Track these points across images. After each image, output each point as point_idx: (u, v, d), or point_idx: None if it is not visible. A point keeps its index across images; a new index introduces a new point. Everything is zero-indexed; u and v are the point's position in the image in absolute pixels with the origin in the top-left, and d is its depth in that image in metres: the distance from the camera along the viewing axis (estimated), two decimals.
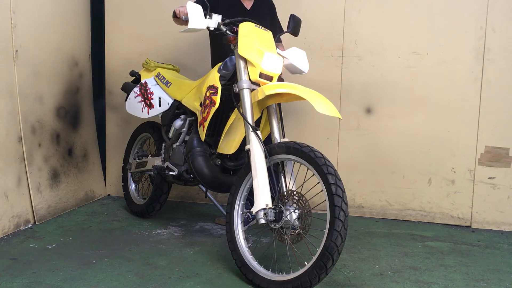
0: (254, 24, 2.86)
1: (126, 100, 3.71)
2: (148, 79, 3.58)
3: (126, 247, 3.17)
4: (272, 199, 2.60)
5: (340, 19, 3.86)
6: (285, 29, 3.21)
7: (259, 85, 2.78)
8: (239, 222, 2.79)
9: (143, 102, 3.54)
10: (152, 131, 3.76)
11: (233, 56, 2.89)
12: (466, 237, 3.55)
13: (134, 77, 3.77)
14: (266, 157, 2.65)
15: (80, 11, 4.11)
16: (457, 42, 3.68)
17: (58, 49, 3.82)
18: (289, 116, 3.85)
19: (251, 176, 2.66)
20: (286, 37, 3.42)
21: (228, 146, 2.97)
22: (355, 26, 3.84)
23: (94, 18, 4.34)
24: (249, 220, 2.99)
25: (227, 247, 2.85)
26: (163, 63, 3.71)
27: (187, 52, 4.12)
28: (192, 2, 2.87)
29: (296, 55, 3.04)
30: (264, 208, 2.56)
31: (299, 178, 2.74)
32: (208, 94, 2.92)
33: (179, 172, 3.22)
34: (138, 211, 3.81)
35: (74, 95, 4.03)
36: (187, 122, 3.30)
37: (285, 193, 2.64)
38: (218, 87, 2.86)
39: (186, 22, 2.83)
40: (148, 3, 4.19)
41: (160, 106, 3.46)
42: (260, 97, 2.69)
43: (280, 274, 2.58)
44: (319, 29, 3.87)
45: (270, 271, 2.63)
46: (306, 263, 2.48)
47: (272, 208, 2.58)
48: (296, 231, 2.58)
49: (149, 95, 3.51)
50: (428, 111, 3.77)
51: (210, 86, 2.92)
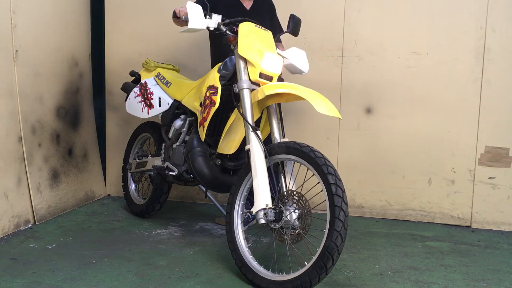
0: (254, 24, 2.86)
1: (126, 100, 3.71)
2: (148, 79, 3.58)
3: (126, 247, 3.17)
4: (272, 199, 2.60)
5: (340, 19, 3.86)
6: (285, 29, 3.21)
7: (259, 85, 2.78)
8: (239, 222, 2.79)
9: (143, 102, 3.54)
10: (152, 131, 3.76)
11: (233, 56, 2.89)
12: (466, 237, 3.55)
13: (134, 77, 3.77)
14: (266, 157, 2.65)
15: (80, 11, 4.11)
16: (457, 42, 3.68)
17: (58, 49, 3.82)
18: (289, 116, 3.85)
19: (251, 176, 2.66)
20: (286, 37, 3.42)
21: (228, 146, 2.97)
22: (355, 26, 3.84)
23: (94, 18, 4.34)
24: (249, 220, 2.99)
25: (227, 247, 2.85)
26: (163, 63, 3.71)
27: (187, 52, 4.12)
28: (192, 2, 2.87)
29: (296, 55, 3.04)
30: (264, 208, 2.56)
31: (299, 178, 2.74)
32: (208, 94, 2.92)
33: (179, 172, 3.22)
34: (138, 211, 3.81)
35: (74, 95, 4.03)
36: (187, 122, 3.30)
37: (285, 193, 2.64)
38: (218, 87, 2.86)
39: (186, 22, 2.83)
40: (148, 3, 4.19)
41: (160, 106, 3.46)
42: (260, 97, 2.69)
43: (280, 274, 2.58)
44: (319, 29, 3.87)
45: (270, 271, 2.63)
46: (306, 263, 2.48)
47: (272, 208, 2.58)
48: (296, 231, 2.58)
49: (149, 95, 3.51)
50: (428, 111, 3.77)
51: (210, 86, 2.92)
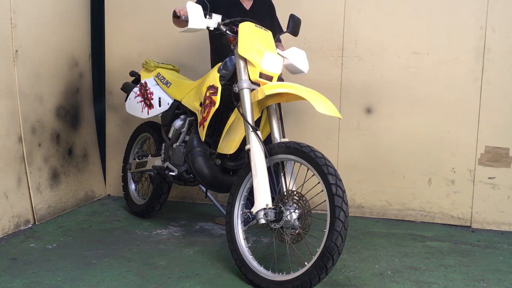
0: (254, 24, 2.86)
1: (126, 100, 3.71)
2: (148, 79, 3.58)
3: (126, 247, 3.17)
4: (272, 199, 2.60)
5: (340, 19, 3.86)
6: (285, 29, 3.21)
7: (259, 85, 2.77)
8: (239, 222, 2.79)
9: (143, 102, 3.54)
10: (152, 131, 3.76)
11: (233, 56, 2.88)
12: (466, 237, 3.55)
13: (134, 77, 3.77)
14: (266, 157, 2.65)
15: (80, 11, 4.11)
16: (457, 42, 3.68)
17: (58, 49, 3.82)
18: (289, 116, 3.85)
19: (251, 176, 2.66)
20: (286, 37, 3.42)
21: (228, 146, 2.97)
22: (355, 26, 3.84)
23: (94, 18, 4.34)
24: (249, 220, 2.99)
25: (227, 247, 2.85)
26: (163, 63, 3.71)
27: (187, 52, 4.12)
28: (192, 2, 2.87)
29: (296, 55, 3.04)
30: (264, 208, 2.56)
31: (299, 178, 2.74)
32: (208, 94, 2.92)
33: (179, 172, 3.22)
34: (138, 211, 3.81)
35: (74, 95, 4.03)
36: (187, 122, 3.30)
37: (285, 193, 2.64)
38: (218, 87, 2.86)
39: (186, 22, 2.83)
40: (148, 3, 4.19)
41: (160, 106, 3.46)
42: (260, 97, 2.69)
43: (280, 274, 2.58)
44: (319, 29, 3.87)
45: (270, 271, 2.63)
46: (306, 263, 2.48)
47: (272, 208, 2.58)
48: (296, 231, 2.57)
49: (149, 95, 3.51)
50: (428, 111, 3.77)
51: (210, 86, 2.92)
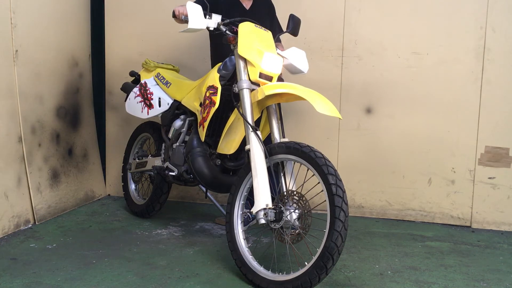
0: (253, 24, 2.86)
1: (126, 100, 3.71)
2: (147, 79, 3.58)
3: (126, 247, 3.17)
4: (272, 199, 2.60)
5: (340, 19, 3.86)
6: (284, 29, 3.21)
7: (259, 85, 2.77)
8: (239, 222, 2.79)
9: (143, 103, 3.54)
10: (152, 131, 3.76)
11: (232, 56, 2.88)
12: (466, 237, 3.55)
13: (134, 77, 3.77)
14: (266, 157, 2.65)
15: (80, 11, 4.11)
16: (457, 42, 3.68)
17: (58, 49, 3.82)
18: (289, 116, 3.85)
19: (251, 176, 2.66)
20: (286, 37, 3.41)
21: (228, 146, 2.97)
22: (355, 26, 3.84)
23: (94, 18, 4.34)
24: (249, 220, 2.99)
25: (227, 247, 2.85)
26: (163, 63, 3.70)
27: (187, 52, 4.12)
28: (192, 2, 2.87)
29: (296, 55, 3.04)
30: (264, 208, 2.56)
31: (299, 178, 2.74)
32: (208, 94, 2.92)
33: (179, 173, 3.22)
34: (138, 211, 3.81)
35: (74, 95, 4.03)
36: (187, 122, 3.30)
37: (285, 193, 2.64)
38: (217, 87, 2.86)
39: (186, 21, 2.84)
40: (148, 3, 4.19)
41: (160, 106, 3.46)
42: (260, 97, 2.69)
43: (280, 274, 2.58)
44: (319, 29, 3.87)
45: (270, 271, 2.63)
46: (306, 263, 2.48)
47: (272, 208, 2.58)
48: (296, 231, 2.57)
49: (148, 95, 3.51)
50: (428, 111, 3.77)
51: (209, 86, 2.92)
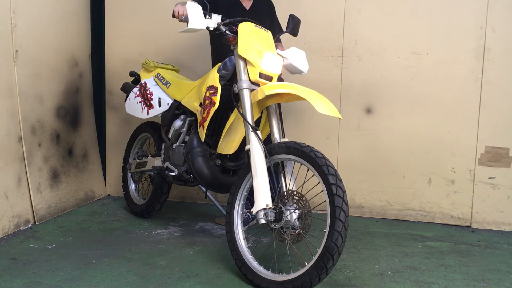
0: (253, 24, 2.86)
1: (125, 101, 3.71)
2: (147, 79, 3.58)
3: (126, 247, 3.17)
4: (272, 199, 2.60)
5: (340, 19, 3.86)
6: (284, 29, 3.21)
7: (259, 85, 2.77)
8: (239, 222, 2.79)
9: (142, 103, 3.54)
10: (152, 131, 3.76)
11: (232, 56, 2.88)
12: (466, 237, 3.55)
13: (134, 77, 3.77)
14: (266, 157, 2.65)
15: (80, 11, 4.11)
16: (457, 42, 3.68)
17: (58, 49, 3.82)
18: (289, 116, 3.85)
19: (251, 176, 2.66)
20: (286, 37, 3.41)
21: (228, 146, 2.97)
22: (355, 26, 3.84)
23: (94, 18, 4.34)
24: (249, 220, 2.99)
25: (227, 247, 2.85)
26: (163, 63, 3.70)
27: (187, 52, 4.12)
28: (192, 2, 2.87)
29: (296, 55, 3.03)
30: (265, 208, 2.56)
31: (299, 178, 2.73)
32: (207, 94, 2.92)
33: (179, 173, 3.21)
34: (138, 211, 3.81)
35: (74, 95, 4.03)
36: (187, 122, 3.30)
37: (285, 193, 2.64)
38: (217, 88, 2.86)
39: (186, 21, 2.84)
40: (148, 3, 4.19)
41: (159, 106, 3.46)
42: (260, 97, 2.69)
43: (280, 274, 2.58)
44: (319, 29, 3.87)
45: (270, 271, 2.63)
46: (306, 263, 2.48)
47: (272, 208, 2.58)
48: (296, 231, 2.58)
49: (148, 96, 3.51)
50: (428, 111, 3.77)
51: (209, 86, 2.92)
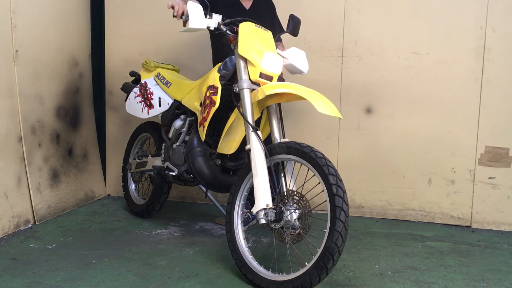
0: (254, 24, 2.86)
1: (126, 100, 3.71)
2: (148, 79, 3.58)
3: (126, 247, 3.17)
4: (273, 199, 2.60)
5: (340, 19, 3.86)
6: (285, 29, 3.21)
7: (259, 85, 2.77)
8: (239, 222, 2.79)
9: (143, 103, 3.54)
10: (152, 131, 3.76)
11: (233, 56, 2.88)
12: (466, 237, 3.55)
13: (134, 77, 3.77)
14: (266, 157, 2.65)
15: (80, 11, 4.11)
16: (457, 42, 3.68)
17: (58, 49, 3.82)
18: (289, 116, 3.85)
19: (251, 176, 2.66)
20: (286, 37, 3.41)
21: (228, 146, 2.97)
22: (355, 26, 3.84)
23: (94, 18, 4.34)
24: (249, 220, 2.99)
25: (227, 247, 2.85)
26: (163, 63, 3.70)
27: (187, 52, 4.12)
28: (193, 1, 2.87)
29: (296, 55, 3.03)
30: (265, 208, 2.56)
31: (300, 178, 2.73)
32: (208, 94, 2.92)
33: (179, 172, 3.22)
34: (138, 211, 3.81)
35: (74, 95, 4.03)
36: (187, 122, 3.30)
37: (285, 193, 2.64)
38: (218, 87, 2.86)
39: (186, 21, 2.85)
40: (148, 3, 4.19)
41: (160, 106, 3.46)
42: (260, 97, 2.69)
43: (280, 274, 2.58)
44: (319, 29, 3.87)
45: (270, 271, 2.63)
46: (306, 263, 2.48)
47: (273, 208, 2.58)
48: (297, 231, 2.58)
49: (149, 95, 3.51)
50: (428, 111, 3.77)
51: (210, 86, 2.92)
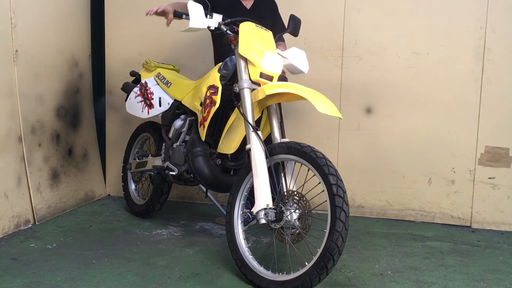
0: (254, 24, 2.86)
1: (126, 100, 3.71)
2: (148, 79, 3.58)
3: (126, 247, 3.17)
4: (273, 199, 2.60)
5: (340, 19, 3.86)
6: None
7: (259, 85, 2.78)
8: (239, 222, 2.79)
9: (143, 102, 3.54)
10: (152, 131, 3.76)
11: (233, 56, 2.88)
12: (466, 237, 3.55)
13: (134, 77, 3.77)
14: (266, 157, 2.65)
15: (80, 11, 4.11)
16: (457, 42, 3.68)
17: (58, 49, 3.82)
18: (289, 116, 3.85)
19: (252, 176, 2.66)
20: (286, 37, 3.41)
21: (228, 146, 2.97)
22: (355, 26, 3.84)
23: (94, 18, 4.34)
24: (249, 220, 2.99)
25: (227, 247, 2.85)
26: (163, 63, 3.70)
27: (187, 52, 4.12)
28: (193, 1, 2.87)
29: (296, 55, 3.03)
30: (265, 208, 2.56)
31: (300, 178, 2.73)
32: (208, 94, 2.92)
33: (179, 172, 3.22)
34: (138, 211, 3.81)
35: (74, 95, 4.03)
36: (187, 122, 3.30)
37: (285, 193, 2.64)
38: (218, 87, 2.86)
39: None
40: (148, 3, 4.16)
41: (160, 106, 3.46)
42: (260, 97, 2.69)
43: (280, 274, 2.58)
44: (319, 29, 3.87)
45: (270, 271, 2.63)
46: (306, 263, 2.48)
47: (273, 208, 2.58)
48: (297, 231, 2.57)
49: (149, 95, 3.51)
50: (428, 111, 3.77)
51: (210, 86, 2.92)
